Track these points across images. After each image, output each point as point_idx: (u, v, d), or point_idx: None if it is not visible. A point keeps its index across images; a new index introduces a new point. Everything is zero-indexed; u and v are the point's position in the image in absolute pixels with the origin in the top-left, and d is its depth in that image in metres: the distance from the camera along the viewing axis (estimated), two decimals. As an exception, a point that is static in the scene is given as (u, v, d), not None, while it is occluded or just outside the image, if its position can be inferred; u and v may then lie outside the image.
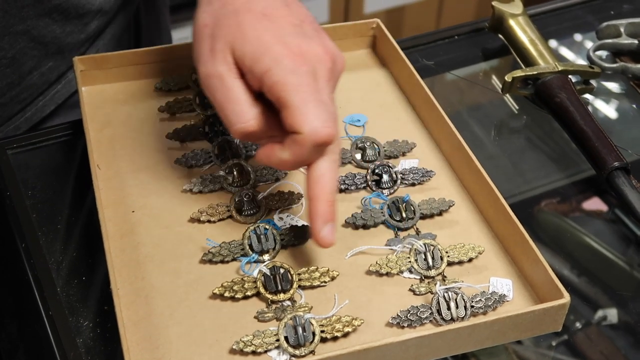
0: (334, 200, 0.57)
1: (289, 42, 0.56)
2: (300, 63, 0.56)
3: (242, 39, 0.57)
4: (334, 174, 0.58)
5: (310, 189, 0.57)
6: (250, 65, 0.56)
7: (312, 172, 0.57)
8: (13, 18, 0.73)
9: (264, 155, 0.58)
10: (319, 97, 0.55)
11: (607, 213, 0.73)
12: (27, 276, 0.61)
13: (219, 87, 0.57)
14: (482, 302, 0.58)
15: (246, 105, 0.57)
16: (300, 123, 0.54)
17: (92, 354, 0.56)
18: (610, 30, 0.85)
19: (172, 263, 0.60)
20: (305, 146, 0.55)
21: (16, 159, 0.70)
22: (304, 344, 0.55)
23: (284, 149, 0.56)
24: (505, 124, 0.82)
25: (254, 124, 0.57)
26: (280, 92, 0.55)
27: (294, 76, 0.55)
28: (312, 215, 0.57)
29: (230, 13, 0.58)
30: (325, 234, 0.57)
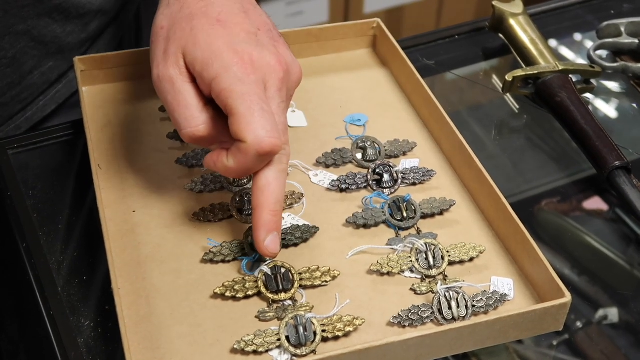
0: (279, 210, 0.57)
1: (240, 49, 0.56)
2: (249, 71, 0.56)
3: (194, 43, 0.57)
4: (280, 184, 0.57)
5: (254, 198, 0.57)
6: (200, 71, 0.56)
7: (257, 181, 0.57)
8: (13, 18, 0.73)
9: (210, 160, 0.58)
10: (266, 107, 0.55)
11: (607, 212, 0.73)
12: (28, 276, 0.61)
13: (169, 91, 0.57)
14: (483, 302, 0.58)
15: (196, 110, 0.57)
16: (245, 131, 0.54)
17: (93, 353, 0.56)
18: (611, 29, 0.85)
19: (173, 263, 0.60)
20: (249, 155, 0.55)
21: (17, 159, 0.70)
22: (305, 344, 0.55)
23: (229, 156, 0.56)
24: (506, 123, 0.82)
25: (203, 129, 0.57)
26: (227, 99, 0.55)
27: (242, 84, 0.55)
28: (255, 224, 0.57)
29: (186, 17, 0.59)
30: (268, 243, 0.57)
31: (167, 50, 0.58)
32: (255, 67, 0.56)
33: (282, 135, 0.56)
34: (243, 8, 0.60)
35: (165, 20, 0.60)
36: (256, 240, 0.57)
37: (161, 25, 0.60)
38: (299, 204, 0.65)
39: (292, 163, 0.68)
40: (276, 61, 0.57)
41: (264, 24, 0.60)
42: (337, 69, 0.78)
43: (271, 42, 0.59)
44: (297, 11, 1.91)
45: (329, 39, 0.79)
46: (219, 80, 0.55)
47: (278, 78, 0.57)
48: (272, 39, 0.59)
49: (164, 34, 0.59)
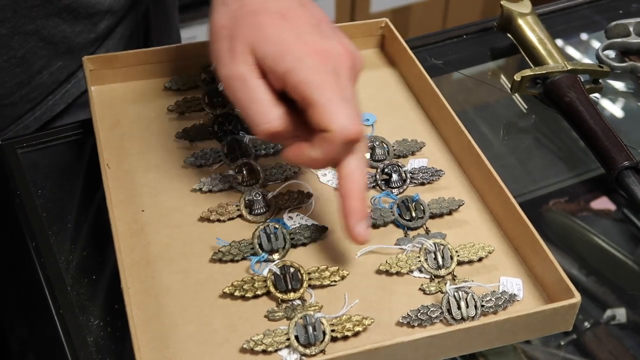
0: (365, 197, 0.58)
1: (310, 41, 0.57)
2: (322, 62, 0.56)
3: (263, 39, 0.57)
4: (363, 170, 0.58)
5: (341, 187, 0.57)
6: (272, 66, 0.56)
7: (342, 169, 0.57)
8: (23, 18, 0.73)
9: (292, 154, 0.58)
10: (344, 95, 0.56)
11: (616, 212, 0.73)
12: (38, 275, 0.61)
13: (241, 88, 0.57)
14: (492, 302, 0.58)
15: (269, 105, 0.57)
16: (329, 121, 0.55)
17: (102, 352, 0.57)
18: (619, 29, 0.84)
19: (182, 262, 0.60)
20: (335, 144, 0.55)
21: (26, 159, 0.70)
22: (315, 343, 0.55)
23: (313, 147, 0.57)
24: (514, 123, 0.82)
25: (278, 124, 0.57)
26: (304, 91, 0.55)
27: (317, 75, 0.55)
28: (346, 213, 0.57)
29: (249, 14, 0.58)
30: (359, 231, 0.57)
31: (233, 48, 0.58)
32: (327, 57, 0.56)
33: (361, 122, 0.57)
34: (300, 2, 0.60)
35: (226, 19, 0.59)
36: (348, 229, 0.57)
37: (222, 24, 0.59)
38: (307, 203, 0.65)
39: (300, 163, 0.68)
40: (344, 50, 0.58)
41: (323, 15, 0.61)
42: (345, 69, 0.78)
43: (333, 32, 0.59)
44: (303, 10, 1.91)
45: (337, 38, 0.79)
46: (293, 73, 0.55)
47: (347, 66, 0.58)
48: (333, 29, 0.60)
49: (227, 33, 0.59)
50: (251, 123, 0.58)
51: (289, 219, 0.63)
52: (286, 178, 0.66)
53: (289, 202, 0.64)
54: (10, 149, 0.70)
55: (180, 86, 0.74)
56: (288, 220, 0.63)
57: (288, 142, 0.59)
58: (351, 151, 0.57)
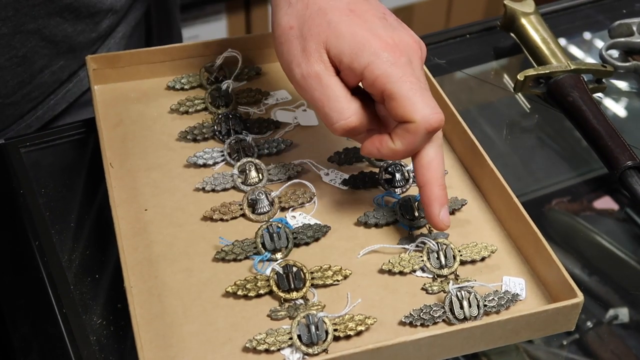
0: (444, 184, 0.59)
1: (382, 34, 0.58)
2: (397, 54, 0.57)
3: (337, 36, 0.58)
4: (441, 158, 0.59)
5: (421, 175, 0.59)
6: (348, 62, 0.57)
7: (421, 159, 0.59)
8: (24, 17, 0.73)
9: (373, 147, 0.59)
10: (422, 85, 0.57)
11: (619, 212, 0.73)
12: (41, 274, 0.61)
13: (317, 87, 0.58)
14: (495, 301, 0.58)
15: (346, 101, 0.58)
16: (412, 112, 0.56)
17: (105, 351, 0.57)
18: (623, 29, 0.84)
19: (185, 261, 0.60)
20: (418, 134, 0.56)
21: (29, 158, 0.70)
22: (317, 343, 0.55)
23: (395, 139, 0.58)
24: (517, 122, 0.82)
25: (355, 119, 0.58)
26: (385, 84, 0.56)
27: (396, 67, 0.56)
28: (428, 200, 0.58)
29: (317, 12, 0.59)
30: (443, 217, 0.59)
31: (306, 47, 0.58)
32: (401, 49, 0.57)
33: None
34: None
35: (293, 19, 0.60)
36: (430, 215, 0.59)
37: (290, 25, 0.60)
38: (310, 202, 0.65)
39: (303, 162, 0.68)
40: (413, 40, 0.59)
41: (385, 8, 0.61)
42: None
43: (399, 24, 0.60)
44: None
45: (340, 38, 0.79)
46: (372, 67, 0.56)
47: (418, 56, 0.59)
48: (397, 21, 0.61)
49: (296, 33, 0.59)
50: (327, 120, 0.59)
51: (291, 218, 0.63)
52: (289, 177, 0.66)
53: (292, 202, 0.64)
54: (13, 148, 0.70)
55: (183, 85, 0.74)
56: (291, 220, 0.63)
57: (362, 137, 0.60)
58: (430, 140, 0.58)
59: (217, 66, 0.74)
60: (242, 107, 0.72)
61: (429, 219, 0.59)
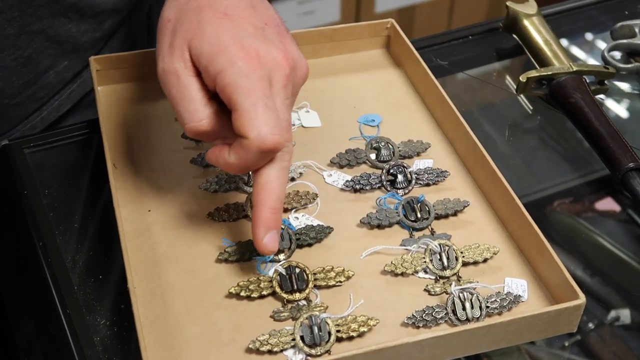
0: (279, 208, 0.56)
1: (247, 44, 0.56)
2: (255, 66, 0.55)
3: (200, 37, 0.56)
4: (282, 181, 0.57)
5: (255, 195, 0.56)
6: (205, 64, 0.56)
7: (258, 178, 0.57)
8: (29, 17, 0.73)
9: (212, 155, 0.58)
10: (270, 103, 0.54)
11: (621, 214, 0.73)
12: (45, 274, 0.61)
13: (174, 84, 0.57)
14: (497, 303, 0.58)
15: (200, 104, 0.56)
16: (248, 127, 0.54)
17: (109, 352, 0.57)
18: (625, 30, 0.85)
19: (188, 262, 0.60)
20: (251, 151, 0.54)
21: (33, 158, 0.70)
22: (320, 344, 0.55)
23: (231, 152, 0.56)
24: (519, 124, 0.82)
25: (206, 123, 0.56)
26: (231, 94, 0.54)
27: (247, 79, 0.54)
28: (255, 222, 0.56)
29: (193, 9, 0.58)
30: (267, 241, 0.56)
31: (172, 43, 0.57)
32: (261, 63, 0.55)
33: (285, 133, 0.55)
34: (251, 2, 0.59)
35: (173, 12, 0.59)
36: (255, 238, 0.56)
37: (168, 18, 0.59)
38: (313, 204, 0.65)
39: (306, 163, 0.68)
40: (282, 57, 0.56)
41: (272, 18, 0.60)
42: (350, 70, 0.78)
43: (278, 37, 0.58)
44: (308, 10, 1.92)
45: (343, 39, 0.79)
46: (223, 74, 0.55)
47: (284, 74, 0.56)
48: (279, 34, 0.59)
49: (171, 27, 0.58)
50: (180, 120, 0.57)
51: (294, 219, 0.64)
52: (292, 179, 0.66)
53: (294, 203, 0.64)
54: (17, 149, 0.71)
55: (186, 86, 0.74)
56: (294, 221, 0.63)
57: (217, 143, 0.58)
58: (270, 160, 0.56)
59: None
60: (245, 108, 0.73)
61: (254, 241, 0.57)
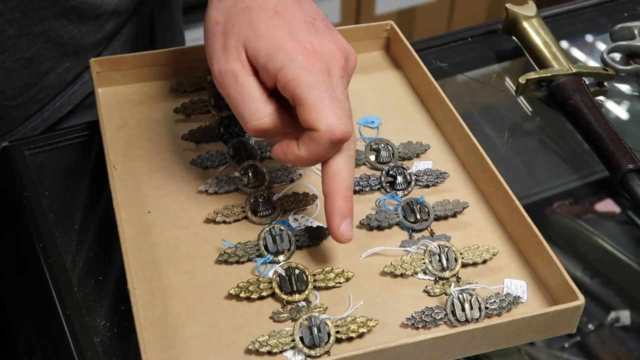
0: (351, 196, 0.57)
1: (302, 39, 0.57)
2: (313, 60, 0.56)
3: (255, 36, 0.57)
4: (350, 170, 0.58)
5: (326, 186, 0.57)
6: (264, 63, 0.56)
7: (328, 168, 0.57)
8: (30, 19, 0.74)
9: (280, 151, 0.58)
10: (334, 94, 0.55)
11: (620, 215, 0.74)
12: (45, 276, 0.61)
13: (232, 85, 0.57)
14: (496, 304, 0.58)
15: (260, 102, 0.57)
16: (317, 120, 0.54)
17: (109, 353, 0.57)
18: (624, 32, 0.85)
19: (188, 263, 0.60)
20: (321, 143, 0.55)
21: (33, 160, 0.70)
22: (319, 345, 0.55)
23: (300, 145, 0.57)
24: (519, 125, 0.83)
25: (268, 121, 0.57)
26: (295, 89, 0.55)
27: (308, 73, 0.55)
28: (329, 211, 0.57)
29: (243, 10, 0.58)
30: (343, 230, 0.57)
31: (226, 44, 0.58)
32: (319, 56, 0.56)
33: (351, 122, 0.56)
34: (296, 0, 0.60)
35: (221, 15, 0.59)
36: (331, 227, 0.57)
37: (217, 21, 0.59)
38: (312, 205, 0.65)
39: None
40: (336, 48, 0.57)
41: (318, 13, 0.61)
42: (350, 71, 0.78)
43: (327, 30, 0.59)
44: (308, 12, 1.92)
45: (343, 41, 0.79)
46: (285, 71, 0.55)
47: (340, 65, 0.57)
48: (327, 27, 0.60)
49: (221, 29, 0.59)
50: (241, 120, 0.58)
51: (294, 220, 0.64)
52: (292, 180, 0.67)
53: (294, 204, 0.65)
54: (17, 151, 0.71)
55: (186, 88, 0.74)
56: (293, 222, 0.63)
57: (277, 140, 0.59)
58: (338, 150, 0.57)
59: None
60: (245, 109, 0.73)
61: (330, 231, 0.57)
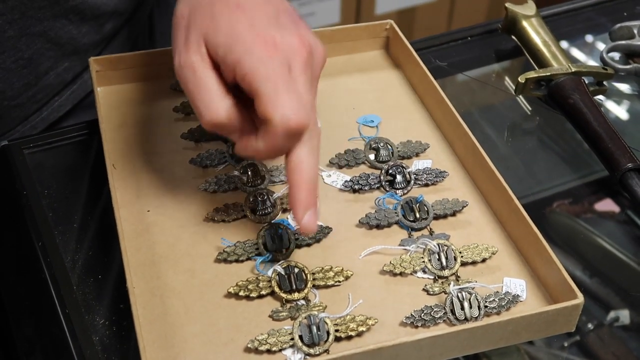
0: (314, 187, 0.56)
1: (262, 32, 0.56)
2: (272, 53, 0.55)
3: (215, 29, 0.57)
4: (313, 161, 0.57)
5: (289, 177, 0.56)
6: (223, 56, 0.56)
7: (289, 160, 0.57)
8: (30, 19, 0.74)
9: (241, 146, 0.58)
10: (292, 87, 0.55)
11: (619, 214, 0.74)
12: (44, 275, 0.61)
13: (191, 78, 0.57)
14: (495, 302, 0.58)
15: (217, 96, 0.56)
16: (271, 111, 0.54)
17: (108, 351, 0.57)
18: (624, 31, 0.85)
19: (187, 262, 0.60)
20: (277, 134, 0.54)
21: (32, 159, 0.70)
22: (319, 343, 0.55)
23: (258, 138, 0.56)
24: (518, 125, 0.83)
25: (224, 115, 0.56)
26: (251, 81, 0.55)
27: (265, 66, 0.55)
28: (292, 203, 0.56)
29: (206, 4, 0.58)
30: (306, 221, 0.56)
31: (188, 37, 0.58)
32: (278, 49, 0.56)
33: (309, 113, 0.55)
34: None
35: (186, 8, 0.59)
36: (296, 219, 0.56)
37: (182, 14, 0.59)
38: (312, 204, 0.65)
39: (305, 164, 0.68)
40: (299, 42, 0.57)
41: (284, 5, 0.60)
42: (349, 71, 0.79)
43: (292, 24, 0.59)
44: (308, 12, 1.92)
45: (342, 40, 0.79)
46: (242, 63, 0.55)
47: (302, 59, 0.57)
48: (293, 21, 0.59)
49: (185, 23, 0.59)
50: (198, 113, 0.57)
51: (293, 219, 0.64)
52: (291, 179, 0.67)
53: (293, 203, 0.65)
54: (16, 149, 0.71)
55: (185, 87, 0.74)
56: (293, 221, 0.63)
57: (234, 138, 0.58)
58: (299, 142, 0.56)
59: None
60: (244, 109, 0.73)
61: (295, 222, 0.57)
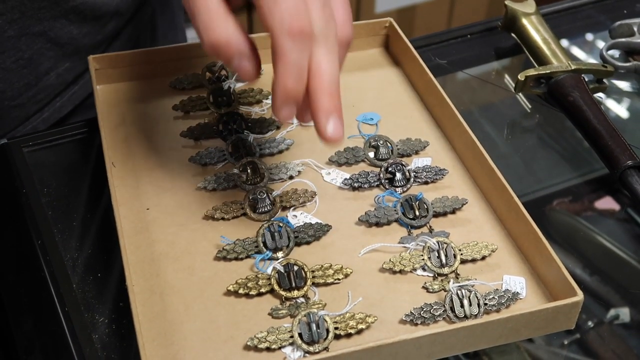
0: (336, 90, 0.53)
1: None
2: None
3: None
4: (332, 63, 0.53)
5: (309, 86, 0.53)
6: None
7: (308, 68, 0.53)
8: (30, 19, 0.74)
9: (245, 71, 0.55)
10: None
11: (619, 212, 0.73)
12: (43, 273, 0.61)
13: None
14: (495, 300, 0.58)
15: (217, 16, 0.54)
16: (270, 17, 0.52)
17: (107, 349, 0.57)
18: (623, 29, 0.85)
19: (187, 260, 0.60)
20: (278, 42, 0.52)
21: (32, 157, 0.70)
22: (318, 341, 0.55)
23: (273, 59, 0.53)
24: (518, 122, 0.83)
25: (223, 36, 0.53)
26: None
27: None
28: (314, 111, 0.53)
29: None
30: (331, 129, 0.53)
31: None
32: None
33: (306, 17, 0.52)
34: None
35: None
36: (318, 129, 0.53)
37: None
38: (311, 202, 0.65)
39: (304, 161, 0.68)
40: None
41: None
42: (349, 68, 0.78)
43: None
44: (308, 11, 1.91)
45: (342, 38, 0.79)
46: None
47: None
48: None
49: None
50: (198, 34, 0.55)
51: (293, 217, 0.64)
52: (290, 177, 0.67)
53: (293, 201, 0.65)
54: (16, 148, 0.71)
55: (185, 85, 0.74)
56: (292, 219, 0.63)
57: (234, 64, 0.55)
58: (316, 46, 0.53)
59: (218, 66, 0.74)
60: (243, 106, 0.73)
61: (317, 132, 0.53)
